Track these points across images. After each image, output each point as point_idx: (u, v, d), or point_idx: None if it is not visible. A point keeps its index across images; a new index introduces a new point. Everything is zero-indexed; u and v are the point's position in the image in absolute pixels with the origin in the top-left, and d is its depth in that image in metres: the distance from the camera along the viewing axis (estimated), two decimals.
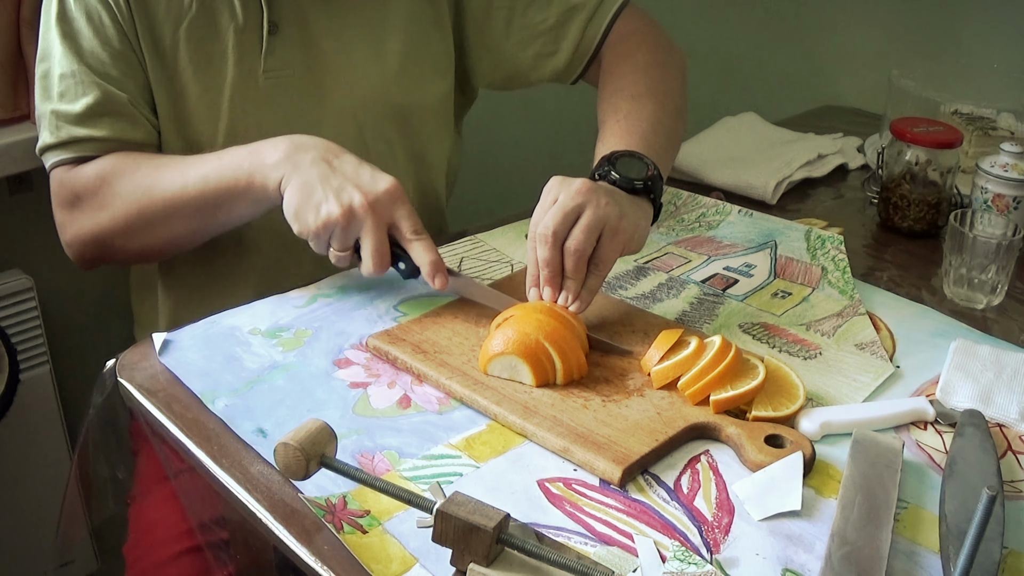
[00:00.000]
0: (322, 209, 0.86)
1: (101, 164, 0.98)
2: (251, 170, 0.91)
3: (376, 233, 0.87)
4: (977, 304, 1.01)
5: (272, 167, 0.90)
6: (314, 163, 0.89)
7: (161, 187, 0.95)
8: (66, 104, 0.98)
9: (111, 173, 0.98)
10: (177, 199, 0.95)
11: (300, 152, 0.90)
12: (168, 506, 1.01)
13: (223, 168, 0.93)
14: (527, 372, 0.81)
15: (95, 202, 0.98)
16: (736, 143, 1.38)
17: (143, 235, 0.98)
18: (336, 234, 0.87)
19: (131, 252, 1.02)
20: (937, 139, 1.15)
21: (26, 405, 1.43)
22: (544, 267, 0.85)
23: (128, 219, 0.97)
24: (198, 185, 0.94)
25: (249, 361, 0.87)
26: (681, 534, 0.68)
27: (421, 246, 0.89)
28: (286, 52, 1.03)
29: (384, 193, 0.87)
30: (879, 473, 0.72)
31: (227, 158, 0.94)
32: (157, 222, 0.97)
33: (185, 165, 0.96)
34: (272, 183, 0.90)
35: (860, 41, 1.71)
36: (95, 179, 0.98)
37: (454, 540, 0.60)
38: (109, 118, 0.99)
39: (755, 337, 0.92)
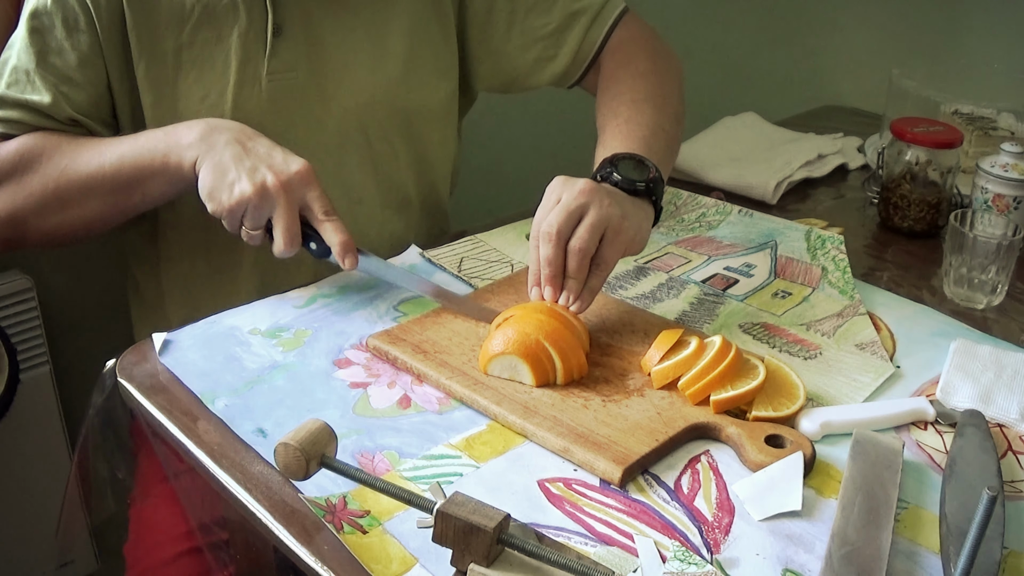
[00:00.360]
0: (235, 188, 0.88)
1: (21, 141, 0.98)
2: (166, 150, 0.92)
3: (288, 212, 0.89)
4: (977, 304, 1.01)
5: (187, 147, 0.91)
6: (228, 144, 0.90)
7: (77, 166, 0.96)
8: (10, 91, 0.98)
9: (31, 150, 0.97)
10: (93, 178, 0.95)
11: (215, 133, 0.92)
12: (168, 507, 1.01)
13: (139, 148, 0.94)
14: (527, 372, 0.81)
15: (13, 180, 0.98)
16: (736, 143, 1.38)
17: (57, 214, 0.98)
18: (249, 212, 0.89)
19: (44, 232, 1.00)
20: (937, 139, 1.15)
21: (26, 405, 1.43)
22: (546, 265, 0.85)
23: (45, 197, 0.97)
24: (114, 164, 0.94)
25: (249, 361, 0.87)
26: (681, 534, 0.68)
27: (332, 226, 0.91)
28: (290, 54, 1.03)
29: (296, 174, 0.89)
30: (879, 473, 0.72)
31: (143, 139, 0.95)
32: (72, 201, 0.97)
33: (103, 145, 0.96)
34: (187, 163, 0.91)
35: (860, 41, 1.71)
36: (15, 155, 0.97)
37: (454, 540, 0.60)
38: (46, 119, 0.99)
39: (755, 337, 0.92)
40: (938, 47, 1.58)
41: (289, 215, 0.89)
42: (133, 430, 0.95)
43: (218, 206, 0.89)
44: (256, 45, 1.02)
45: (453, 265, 1.04)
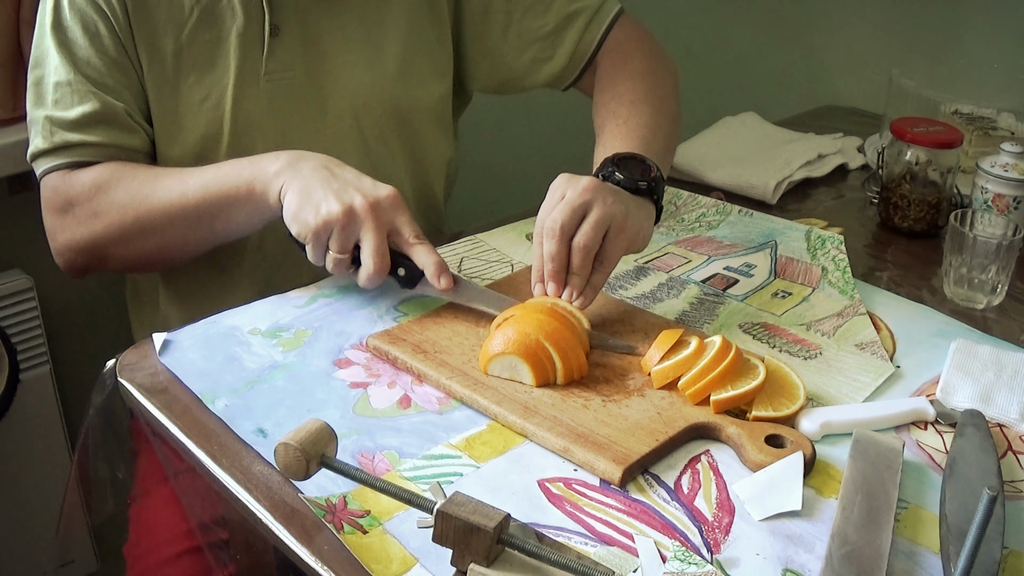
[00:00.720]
0: (322, 208, 0.87)
1: (97, 172, 0.98)
2: (252, 179, 0.92)
3: (377, 233, 0.87)
4: (977, 304, 1.01)
5: (274, 175, 0.91)
6: (315, 170, 0.90)
7: (159, 194, 0.95)
8: (60, 111, 0.98)
9: (107, 181, 0.97)
10: (175, 206, 0.95)
11: (301, 161, 0.91)
12: (168, 506, 1.01)
13: (223, 177, 0.94)
14: (527, 372, 0.81)
15: (89, 209, 0.98)
16: (736, 143, 1.38)
17: (137, 243, 0.98)
18: (335, 234, 0.87)
19: (124, 260, 1.02)
20: (937, 139, 1.15)
21: (26, 405, 1.43)
22: (550, 261, 0.85)
23: (124, 226, 0.97)
24: (198, 192, 0.94)
25: (249, 361, 0.87)
26: (681, 534, 0.68)
27: (424, 249, 0.89)
28: (287, 54, 1.03)
29: (385, 198, 0.88)
30: (879, 473, 0.72)
31: (227, 167, 0.94)
32: (153, 230, 0.96)
33: (184, 174, 0.96)
34: (273, 190, 0.91)
35: (860, 41, 1.71)
36: (91, 186, 0.98)
37: (454, 540, 0.60)
38: (104, 126, 0.99)
39: (755, 337, 0.92)
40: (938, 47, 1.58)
41: (378, 236, 0.87)
42: (133, 430, 0.95)
43: (303, 227, 0.87)
44: (254, 45, 1.02)
45: (453, 265, 1.04)
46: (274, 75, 1.03)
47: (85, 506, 0.92)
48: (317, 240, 0.88)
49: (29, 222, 1.43)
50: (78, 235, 1.00)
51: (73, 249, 1.01)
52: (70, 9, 0.98)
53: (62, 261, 1.03)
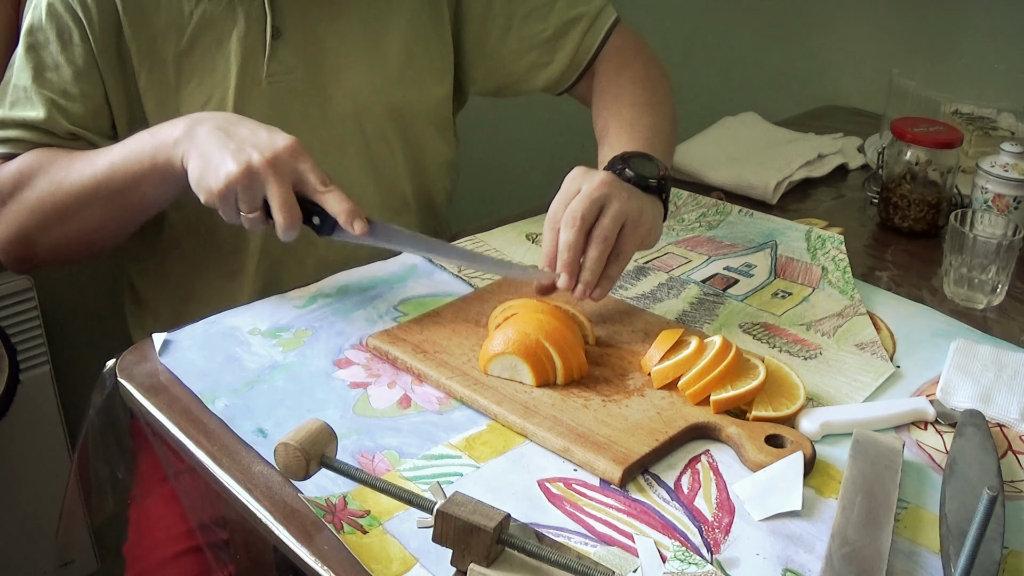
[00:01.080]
0: (220, 171, 0.85)
1: (20, 162, 0.98)
2: (154, 151, 0.91)
3: (280, 187, 0.85)
4: (977, 304, 1.01)
5: (172, 144, 0.89)
6: (211, 133, 0.88)
7: (71, 178, 0.95)
8: (12, 111, 0.99)
9: (29, 168, 0.97)
10: (87, 188, 0.94)
11: (197, 125, 0.89)
12: (168, 506, 1.01)
13: (128, 153, 0.93)
14: (527, 372, 0.81)
15: (16, 198, 0.98)
16: (736, 143, 1.38)
17: (58, 228, 0.98)
18: (240, 194, 0.85)
19: (50, 248, 1.01)
20: (937, 139, 1.15)
21: (26, 405, 1.43)
22: (567, 250, 0.85)
23: (44, 212, 0.97)
24: (105, 172, 0.93)
25: (249, 361, 0.87)
26: (681, 534, 0.68)
27: (333, 196, 0.87)
28: (289, 56, 1.04)
29: (283, 149, 0.86)
30: (879, 473, 0.72)
31: (132, 143, 0.93)
32: (71, 214, 0.96)
33: (95, 155, 0.95)
34: (176, 159, 0.89)
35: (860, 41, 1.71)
36: (15, 174, 0.98)
37: (454, 540, 0.60)
38: (46, 134, 0.99)
39: (755, 337, 0.92)
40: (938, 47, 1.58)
41: (281, 189, 0.85)
42: (133, 430, 0.95)
43: (208, 194, 0.87)
44: (255, 48, 1.02)
45: (453, 265, 1.04)
46: (276, 77, 1.03)
47: (85, 506, 0.92)
48: (225, 203, 0.86)
49: None
50: (7, 227, 0.99)
51: (7, 241, 1.00)
52: (47, 14, 0.98)
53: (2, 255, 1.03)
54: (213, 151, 0.86)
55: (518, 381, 0.81)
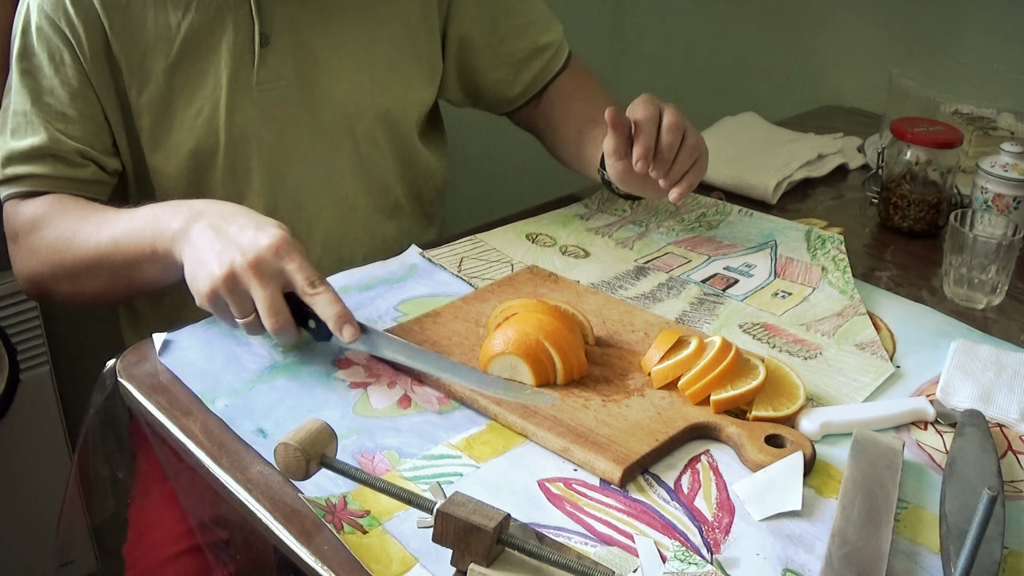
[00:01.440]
0: (206, 276, 0.82)
1: (36, 206, 0.99)
2: (154, 239, 0.89)
3: (263, 290, 0.80)
4: (977, 304, 1.01)
5: (171, 239, 0.87)
6: (202, 232, 0.85)
7: (79, 241, 0.95)
8: (16, 141, 0.99)
9: (42, 218, 0.98)
10: (91, 258, 0.94)
11: (192, 221, 0.86)
12: (168, 506, 1.01)
13: (132, 233, 0.91)
14: (527, 372, 0.81)
15: (28, 243, 0.99)
16: (736, 143, 1.38)
17: (70, 284, 0.99)
18: (228, 299, 0.82)
19: (65, 296, 1.02)
20: (937, 139, 1.14)
21: (26, 405, 1.43)
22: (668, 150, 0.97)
23: (53, 268, 0.98)
24: (109, 246, 0.93)
25: (249, 361, 0.87)
26: (681, 534, 0.68)
27: (323, 299, 0.82)
28: (278, 63, 1.03)
29: (266, 249, 0.81)
30: (879, 473, 0.72)
31: (138, 220, 0.91)
32: (79, 275, 0.97)
33: (102, 221, 0.94)
34: (175, 253, 0.87)
35: (860, 41, 1.71)
36: (29, 221, 0.99)
37: (454, 540, 0.60)
38: (52, 160, 0.99)
39: (755, 337, 0.92)
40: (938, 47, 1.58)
41: (265, 292, 0.80)
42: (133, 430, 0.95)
43: (199, 299, 0.83)
44: (245, 56, 1.02)
45: (453, 265, 1.04)
46: (265, 85, 1.03)
47: (85, 506, 0.92)
48: (216, 309, 0.83)
49: None
50: (23, 266, 1.01)
51: (23, 278, 1.02)
52: (37, 38, 0.98)
53: (20, 286, 1.04)
54: (203, 252, 0.83)
55: (518, 381, 0.81)
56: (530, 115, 1.27)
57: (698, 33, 1.96)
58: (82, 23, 0.97)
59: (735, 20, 1.90)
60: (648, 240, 1.12)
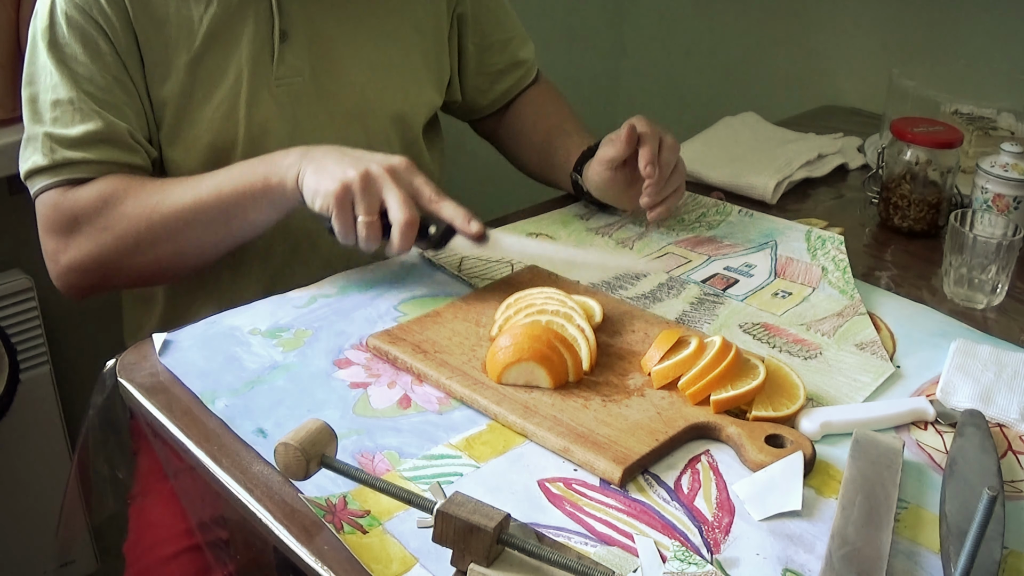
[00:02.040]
0: (339, 176, 0.88)
1: (102, 185, 0.97)
2: (266, 172, 0.93)
3: (398, 189, 0.88)
4: (977, 304, 1.01)
5: (288, 166, 0.92)
6: (327, 152, 0.92)
7: (171, 200, 0.95)
8: (60, 128, 0.97)
9: (113, 193, 0.96)
10: (189, 209, 0.95)
11: (312, 150, 0.93)
12: (168, 504, 1.01)
13: (236, 176, 0.95)
14: (544, 376, 0.80)
15: (98, 223, 0.97)
16: (736, 143, 1.38)
17: (150, 252, 0.97)
18: (358, 197, 0.88)
19: (135, 272, 1.00)
20: (937, 139, 1.15)
21: (26, 405, 1.43)
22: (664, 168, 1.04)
23: (138, 235, 0.96)
24: (211, 193, 0.94)
25: (249, 361, 0.87)
26: (681, 534, 0.68)
27: (449, 204, 0.92)
28: (296, 59, 1.04)
29: (399, 163, 0.91)
30: (879, 473, 0.72)
31: (238, 169, 0.96)
32: (168, 236, 0.96)
33: (195, 179, 0.96)
34: (290, 180, 0.92)
35: (860, 41, 1.71)
36: (97, 200, 0.96)
37: (454, 540, 0.60)
38: (107, 145, 0.98)
39: (755, 337, 0.93)
40: (938, 47, 1.58)
41: (400, 191, 0.88)
42: (133, 429, 0.95)
43: (325, 197, 0.88)
44: (264, 51, 1.02)
45: (453, 265, 1.04)
46: (284, 80, 1.04)
47: (85, 506, 0.92)
48: (342, 207, 0.88)
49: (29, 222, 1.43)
50: (85, 251, 0.98)
51: (79, 268, 0.99)
52: (68, 27, 0.96)
53: (64, 283, 1.01)
54: (331, 164, 0.90)
55: (534, 387, 0.81)
56: (494, 125, 1.31)
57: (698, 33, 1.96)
58: (113, 12, 0.97)
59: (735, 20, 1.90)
60: (648, 240, 1.12)
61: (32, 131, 0.98)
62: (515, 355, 0.80)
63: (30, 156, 0.98)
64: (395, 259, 1.05)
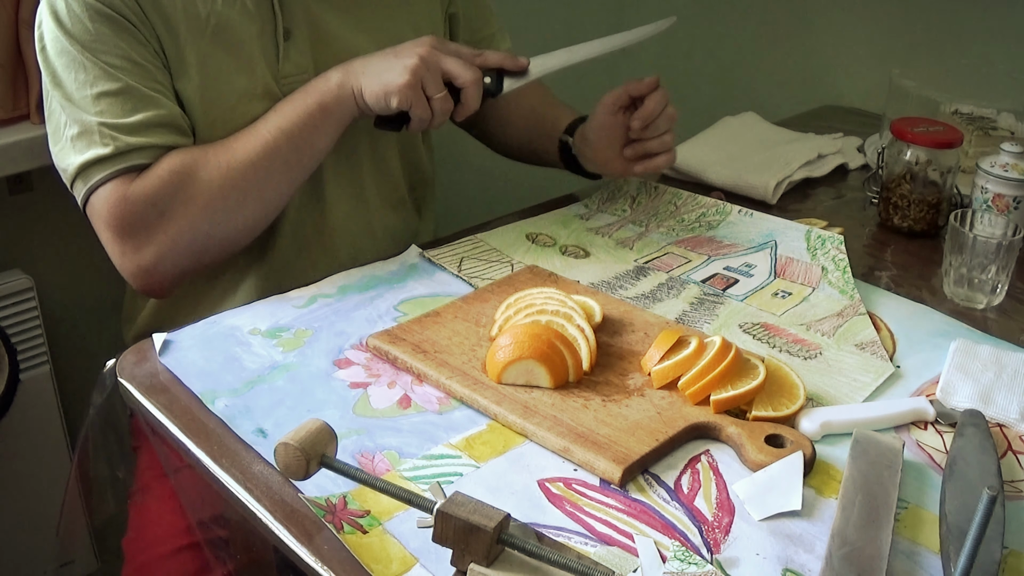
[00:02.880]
0: (400, 71, 0.96)
1: (168, 163, 0.95)
2: (320, 100, 0.98)
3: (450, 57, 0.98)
4: (977, 304, 1.01)
5: (338, 86, 0.99)
6: (368, 60, 0.99)
7: (242, 155, 0.97)
8: (114, 118, 0.94)
9: (183, 167, 0.95)
10: (261, 159, 0.97)
11: (350, 64, 0.99)
12: (168, 502, 1.01)
13: (290, 114, 0.99)
14: (544, 375, 0.80)
15: (181, 199, 0.94)
16: (736, 143, 1.38)
17: (238, 212, 0.97)
18: (426, 79, 0.96)
19: (227, 240, 0.99)
20: (937, 139, 1.14)
21: (26, 405, 1.43)
22: None
23: (225, 198, 0.96)
24: (277, 137, 0.97)
25: (249, 361, 0.87)
26: (681, 534, 0.68)
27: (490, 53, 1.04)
28: (299, 56, 1.05)
29: (431, 39, 1.00)
30: (879, 473, 0.72)
31: (287, 107, 0.99)
32: (250, 189, 0.97)
33: (251, 131, 0.99)
34: (346, 95, 0.98)
35: (860, 41, 1.71)
36: (170, 178, 0.94)
37: (454, 540, 0.60)
38: (166, 129, 0.96)
39: (755, 337, 0.92)
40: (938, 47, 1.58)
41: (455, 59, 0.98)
42: (133, 427, 0.95)
43: (400, 93, 0.95)
44: (269, 49, 1.03)
45: (453, 265, 1.04)
46: (289, 79, 1.04)
47: (85, 506, 0.93)
48: (416, 93, 0.96)
49: (29, 222, 1.43)
50: (175, 234, 0.95)
51: (170, 255, 0.96)
52: (92, 22, 0.93)
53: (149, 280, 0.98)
54: (382, 66, 0.98)
55: (534, 386, 0.81)
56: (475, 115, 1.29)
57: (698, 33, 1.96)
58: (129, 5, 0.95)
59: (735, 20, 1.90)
60: (648, 240, 1.12)
61: (81, 125, 0.94)
62: (515, 353, 0.80)
63: (85, 149, 0.94)
64: (395, 259, 1.05)
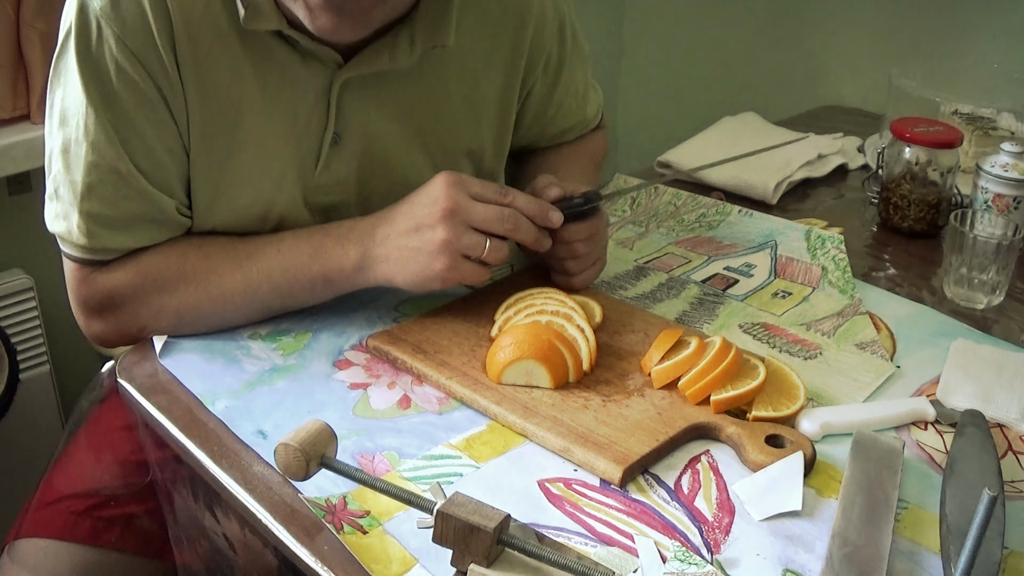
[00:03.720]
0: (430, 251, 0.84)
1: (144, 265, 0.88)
2: (327, 274, 0.88)
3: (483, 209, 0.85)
4: (977, 304, 1.01)
5: (355, 270, 0.87)
6: (388, 237, 0.86)
7: (218, 284, 0.88)
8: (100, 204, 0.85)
9: (158, 275, 0.88)
10: (240, 294, 0.89)
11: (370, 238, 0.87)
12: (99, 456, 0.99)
13: (288, 266, 0.88)
14: (544, 375, 0.80)
15: (138, 302, 0.89)
16: (736, 143, 1.38)
17: (193, 325, 0.90)
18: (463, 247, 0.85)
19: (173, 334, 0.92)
20: (937, 139, 1.14)
21: (26, 405, 1.43)
22: None
23: (180, 317, 0.89)
24: (263, 281, 0.88)
25: (249, 364, 0.86)
26: (681, 534, 0.68)
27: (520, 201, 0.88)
28: (342, 165, 0.93)
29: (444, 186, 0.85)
30: (879, 473, 0.72)
31: (288, 257, 0.88)
32: (227, 314, 0.90)
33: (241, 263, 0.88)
34: (362, 280, 0.88)
35: (860, 41, 1.71)
36: (142, 281, 0.88)
37: (454, 540, 0.60)
38: (153, 225, 0.88)
39: (755, 337, 0.92)
40: (938, 47, 1.58)
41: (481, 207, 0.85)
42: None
43: (442, 281, 0.85)
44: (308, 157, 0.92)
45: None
46: (323, 188, 0.94)
47: None
48: (459, 271, 0.85)
49: (29, 222, 1.43)
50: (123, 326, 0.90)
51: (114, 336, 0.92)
52: (118, 79, 0.82)
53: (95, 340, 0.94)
54: (408, 251, 0.85)
55: (534, 386, 0.81)
56: None
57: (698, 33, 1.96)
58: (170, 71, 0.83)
59: (735, 20, 1.90)
60: (648, 240, 1.12)
61: (65, 199, 0.86)
62: (516, 353, 0.80)
63: (62, 220, 0.86)
64: None
